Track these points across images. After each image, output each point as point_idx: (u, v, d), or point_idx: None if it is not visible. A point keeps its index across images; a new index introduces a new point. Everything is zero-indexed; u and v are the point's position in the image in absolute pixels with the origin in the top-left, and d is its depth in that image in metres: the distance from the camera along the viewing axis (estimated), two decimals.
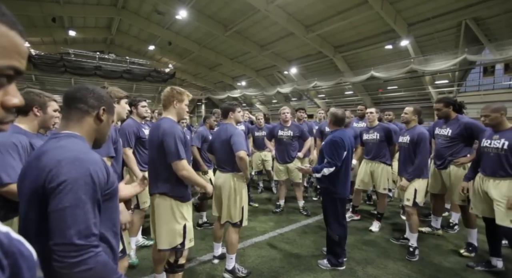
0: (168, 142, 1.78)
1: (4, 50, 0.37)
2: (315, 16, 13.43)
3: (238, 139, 2.35)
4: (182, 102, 1.95)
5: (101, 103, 0.96)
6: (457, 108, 2.98)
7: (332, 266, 2.59)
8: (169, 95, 1.92)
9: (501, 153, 2.30)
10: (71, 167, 0.79)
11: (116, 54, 22.15)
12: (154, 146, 1.88)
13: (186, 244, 1.90)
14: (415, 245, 2.83)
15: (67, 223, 0.74)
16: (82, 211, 0.76)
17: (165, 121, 1.88)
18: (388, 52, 14.21)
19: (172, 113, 1.94)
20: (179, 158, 1.77)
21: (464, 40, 11.65)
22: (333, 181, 2.58)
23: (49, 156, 0.82)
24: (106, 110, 0.96)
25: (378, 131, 3.53)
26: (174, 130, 1.81)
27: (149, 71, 22.06)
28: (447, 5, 10.88)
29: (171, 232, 1.85)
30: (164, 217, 1.86)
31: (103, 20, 18.20)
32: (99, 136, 0.98)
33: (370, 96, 18.11)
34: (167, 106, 1.94)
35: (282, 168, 4.10)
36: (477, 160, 2.59)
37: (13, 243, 0.36)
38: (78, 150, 0.84)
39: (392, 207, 4.38)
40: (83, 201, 0.77)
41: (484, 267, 2.54)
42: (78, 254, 0.73)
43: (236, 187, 2.45)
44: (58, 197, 0.75)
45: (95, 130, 0.96)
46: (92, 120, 0.95)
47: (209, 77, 26.71)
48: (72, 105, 0.94)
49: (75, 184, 0.77)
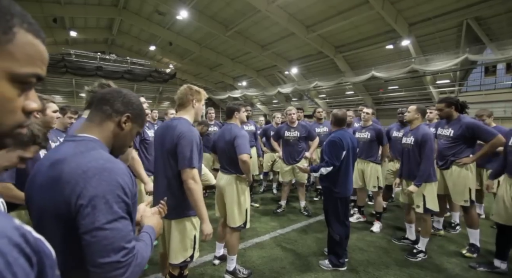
0: (183, 146, 1.61)
1: (30, 58, 0.39)
2: (315, 16, 13.42)
3: (242, 141, 2.29)
4: (200, 102, 1.82)
5: (128, 110, 0.88)
6: (459, 109, 2.95)
7: (334, 266, 2.58)
8: (187, 93, 1.77)
9: None
10: (100, 178, 0.72)
11: (117, 54, 22.24)
12: (164, 147, 1.70)
13: (195, 256, 1.80)
14: (421, 249, 2.79)
15: (108, 240, 0.69)
16: (121, 225, 0.72)
17: (182, 122, 1.70)
18: (389, 52, 14.18)
19: (190, 113, 1.78)
20: (191, 166, 1.60)
21: (465, 39, 11.62)
22: (333, 181, 2.57)
23: (70, 165, 0.73)
24: (131, 118, 0.89)
25: (370, 131, 3.59)
26: (193, 134, 1.65)
27: (150, 72, 22.12)
28: (448, 5, 10.85)
29: (183, 246, 1.74)
30: (179, 236, 1.73)
31: (104, 20, 18.25)
32: (118, 145, 0.90)
33: (371, 97, 18.08)
34: (184, 105, 1.78)
35: (288, 168, 4.08)
36: (504, 161, 2.49)
37: (37, 242, 0.37)
38: (103, 158, 0.77)
39: (392, 209, 4.36)
40: (120, 215, 0.72)
41: (487, 268, 2.53)
42: (125, 270, 0.70)
43: (239, 189, 2.42)
44: (92, 214, 0.69)
45: (114, 137, 0.88)
46: (113, 126, 0.87)
47: (210, 78, 26.73)
48: (98, 106, 0.88)
49: (108, 198, 0.71)
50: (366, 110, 3.70)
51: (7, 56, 0.37)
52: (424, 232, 2.81)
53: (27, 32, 0.39)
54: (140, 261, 0.75)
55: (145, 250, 0.81)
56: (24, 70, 0.38)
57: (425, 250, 2.79)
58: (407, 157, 2.89)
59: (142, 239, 0.86)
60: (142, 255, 0.78)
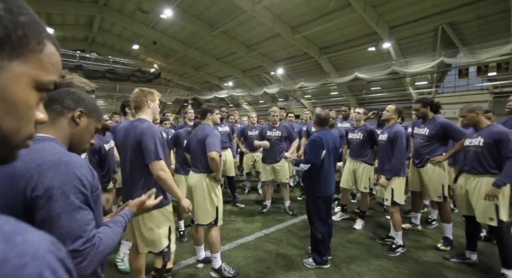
0: (146, 142, 1.73)
1: (53, 67, 0.42)
2: (300, 17, 13.62)
3: (212, 139, 2.37)
4: (154, 101, 1.93)
5: (79, 105, 0.89)
6: (434, 109, 3.11)
7: (317, 264, 2.63)
8: (140, 96, 1.89)
9: (478, 150, 2.43)
10: (56, 170, 0.72)
11: (98, 53, 21.33)
12: (128, 148, 1.82)
13: (172, 246, 1.89)
14: (400, 243, 2.89)
15: (65, 229, 0.70)
16: (78, 215, 0.72)
17: (142, 121, 1.83)
18: (371, 54, 14.64)
19: (148, 113, 1.90)
20: (157, 158, 1.72)
21: (441, 43, 12.25)
22: (314, 180, 2.62)
23: (24, 161, 0.72)
24: (85, 113, 0.90)
25: (362, 132, 3.61)
26: (153, 130, 1.78)
27: (133, 71, 21.40)
28: (425, 10, 11.37)
29: (158, 236, 1.82)
30: (148, 224, 1.82)
31: (84, 17, 17.56)
32: (76, 141, 0.90)
33: (354, 97, 18.58)
34: (140, 107, 1.90)
35: (268, 168, 4.13)
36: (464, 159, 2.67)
37: None
38: (59, 152, 0.77)
39: (375, 205, 4.51)
40: (77, 205, 0.72)
41: (459, 259, 2.68)
42: (83, 259, 0.71)
43: (209, 187, 2.45)
44: (48, 204, 0.69)
45: (70, 134, 0.88)
46: (66, 122, 0.87)
47: (196, 78, 26.40)
48: (48, 107, 0.86)
49: (64, 188, 0.71)
50: (358, 110, 3.70)
51: (38, 65, 0.39)
52: (395, 226, 2.93)
53: (52, 43, 0.42)
54: (102, 250, 0.78)
55: (111, 237, 0.84)
56: (49, 78, 0.41)
57: (403, 244, 2.90)
58: (381, 153, 3.09)
59: (109, 226, 0.88)
60: (106, 243, 0.80)
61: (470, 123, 2.53)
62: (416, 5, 11.18)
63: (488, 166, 2.39)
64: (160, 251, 1.84)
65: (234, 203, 4.55)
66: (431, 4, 11.02)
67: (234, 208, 4.44)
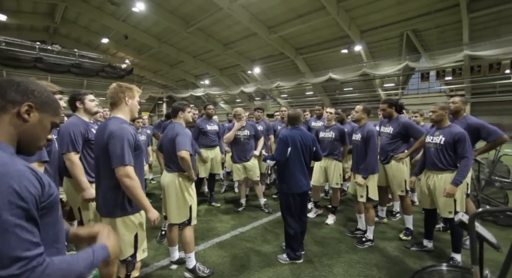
0: (114, 145, 1.59)
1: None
2: (277, 17, 13.79)
3: (182, 138, 2.32)
4: (133, 98, 1.78)
5: (27, 98, 0.77)
6: (398, 109, 3.35)
7: (291, 259, 2.69)
8: (117, 92, 1.73)
9: (439, 148, 2.62)
10: None
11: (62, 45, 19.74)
12: (99, 150, 1.70)
13: (138, 255, 1.75)
14: (370, 237, 3.06)
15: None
16: (13, 235, 0.63)
17: (113, 121, 1.68)
18: (344, 56, 15.31)
19: (124, 111, 1.75)
20: (123, 163, 1.57)
21: (406, 48, 13.19)
22: (283, 177, 2.70)
23: None
24: (35, 108, 0.78)
25: (334, 131, 3.76)
26: (123, 132, 1.62)
27: (103, 66, 20.16)
28: (392, 16, 12.17)
29: (123, 244, 1.69)
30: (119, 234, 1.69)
31: (43, 5, 16.14)
32: (27, 140, 0.79)
33: (328, 97, 19.28)
34: (117, 104, 1.74)
35: (240, 166, 4.16)
36: (423, 156, 2.85)
37: None
38: None
39: (345, 201, 4.73)
40: (12, 223, 0.63)
41: (418, 247, 2.92)
42: None
43: (182, 186, 2.42)
44: None
45: (17, 133, 0.77)
46: (9, 119, 0.75)
47: (171, 75, 25.58)
48: None
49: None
50: (330, 110, 3.82)
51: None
52: (369, 221, 3.10)
53: None
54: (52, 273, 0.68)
55: (69, 263, 0.74)
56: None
57: (372, 238, 3.07)
58: (355, 152, 3.18)
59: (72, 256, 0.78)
60: (59, 267, 0.71)
61: (436, 120, 2.66)
62: (384, 11, 11.91)
63: (447, 163, 2.59)
64: (123, 260, 1.72)
65: (210, 202, 4.50)
66: (397, 12, 11.82)
67: (210, 207, 4.39)
